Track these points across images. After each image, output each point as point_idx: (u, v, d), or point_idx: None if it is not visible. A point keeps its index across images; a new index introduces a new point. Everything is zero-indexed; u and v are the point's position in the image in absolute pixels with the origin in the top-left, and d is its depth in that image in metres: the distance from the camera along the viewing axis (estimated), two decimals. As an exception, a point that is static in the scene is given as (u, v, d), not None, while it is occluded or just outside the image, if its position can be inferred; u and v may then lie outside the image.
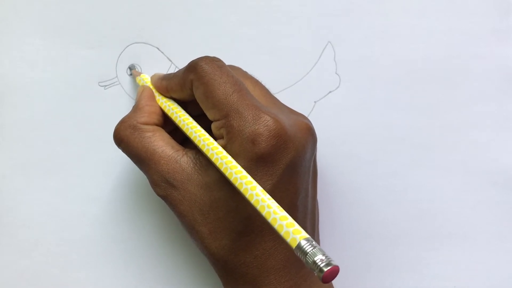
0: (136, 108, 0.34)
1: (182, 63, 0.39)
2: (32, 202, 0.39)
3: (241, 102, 0.30)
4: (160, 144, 0.32)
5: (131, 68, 0.39)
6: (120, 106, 0.39)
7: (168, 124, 0.34)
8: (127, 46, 0.39)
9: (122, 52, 0.39)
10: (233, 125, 0.30)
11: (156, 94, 0.35)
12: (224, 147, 0.30)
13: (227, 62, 0.38)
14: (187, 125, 0.32)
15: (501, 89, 0.39)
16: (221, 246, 0.30)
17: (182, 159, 0.31)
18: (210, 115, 0.31)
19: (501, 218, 0.39)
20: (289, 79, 0.39)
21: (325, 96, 0.39)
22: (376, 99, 0.39)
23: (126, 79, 0.39)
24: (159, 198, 0.32)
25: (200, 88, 0.31)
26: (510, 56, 0.39)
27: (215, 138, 0.31)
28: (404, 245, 0.39)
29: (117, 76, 0.39)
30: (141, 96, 0.35)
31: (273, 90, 0.39)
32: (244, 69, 0.39)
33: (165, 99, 0.35)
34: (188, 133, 0.32)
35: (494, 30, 0.39)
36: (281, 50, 0.39)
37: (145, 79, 0.37)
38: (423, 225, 0.39)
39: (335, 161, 0.39)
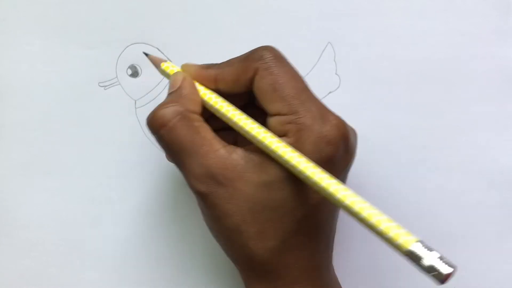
0: (180, 95, 0.31)
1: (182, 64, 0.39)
2: (32, 202, 0.39)
3: (312, 100, 0.29)
4: (209, 136, 0.29)
5: (133, 68, 0.39)
6: (120, 107, 0.39)
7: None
8: (127, 46, 0.39)
9: (122, 53, 0.39)
10: (305, 123, 0.28)
11: (197, 84, 0.32)
12: (291, 145, 0.28)
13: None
14: (244, 119, 0.29)
15: (501, 90, 0.39)
16: (268, 247, 0.29)
17: (233, 156, 0.29)
18: (273, 108, 0.29)
19: (501, 218, 0.39)
20: (289, 79, 0.39)
21: (325, 96, 0.39)
22: (376, 99, 0.39)
23: (126, 79, 0.39)
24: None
25: (267, 78, 0.29)
26: (510, 56, 0.39)
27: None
28: (404, 245, 0.39)
29: (117, 77, 0.39)
30: (184, 84, 0.31)
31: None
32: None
33: (209, 91, 0.32)
34: (246, 128, 0.29)
35: (494, 30, 0.39)
36: (281, 51, 0.39)
37: (174, 66, 0.34)
38: (423, 225, 0.39)
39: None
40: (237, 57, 0.31)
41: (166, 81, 0.39)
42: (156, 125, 0.30)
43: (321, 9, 0.39)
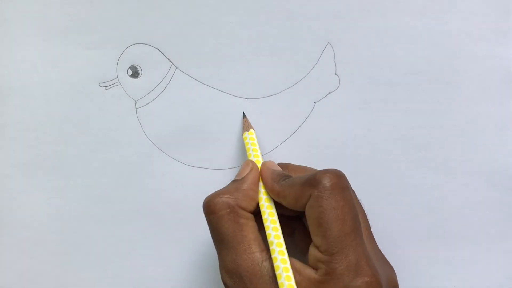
0: (238, 188, 0.32)
1: (183, 64, 0.39)
2: (33, 202, 0.39)
3: (354, 247, 0.28)
4: (250, 237, 0.30)
5: (134, 68, 0.39)
6: (120, 107, 0.39)
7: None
8: (128, 46, 0.39)
9: (122, 53, 0.39)
10: (336, 271, 0.28)
11: (261, 186, 0.33)
12: (315, 281, 0.28)
13: (227, 63, 0.39)
14: (275, 239, 0.30)
15: (501, 89, 0.39)
16: None
17: (264, 264, 0.30)
18: (314, 240, 0.29)
19: (501, 218, 0.39)
20: (289, 80, 0.39)
21: (325, 97, 0.39)
22: (376, 99, 0.39)
23: (126, 80, 0.39)
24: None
25: (315, 210, 0.29)
26: (510, 56, 0.39)
27: (306, 261, 0.30)
28: (404, 245, 0.38)
29: (117, 77, 0.39)
30: (248, 178, 0.33)
31: (273, 91, 0.39)
32: (244, 70, 0.39)
33: (267, 199, 0.32)
34: (270, 245, 0.30)
35: (494, 30, 0.39)
36: (281, 51, 0.39)
37: (252, 138, 0.36)
38: (423, 225, 0.39)
39: (335, 161, 0.39)
40: (301, 177, 0.31)
41: (166, 81, 0.39)
42: (207, 210, 0.31)
43: (321, 9, 0.39)
